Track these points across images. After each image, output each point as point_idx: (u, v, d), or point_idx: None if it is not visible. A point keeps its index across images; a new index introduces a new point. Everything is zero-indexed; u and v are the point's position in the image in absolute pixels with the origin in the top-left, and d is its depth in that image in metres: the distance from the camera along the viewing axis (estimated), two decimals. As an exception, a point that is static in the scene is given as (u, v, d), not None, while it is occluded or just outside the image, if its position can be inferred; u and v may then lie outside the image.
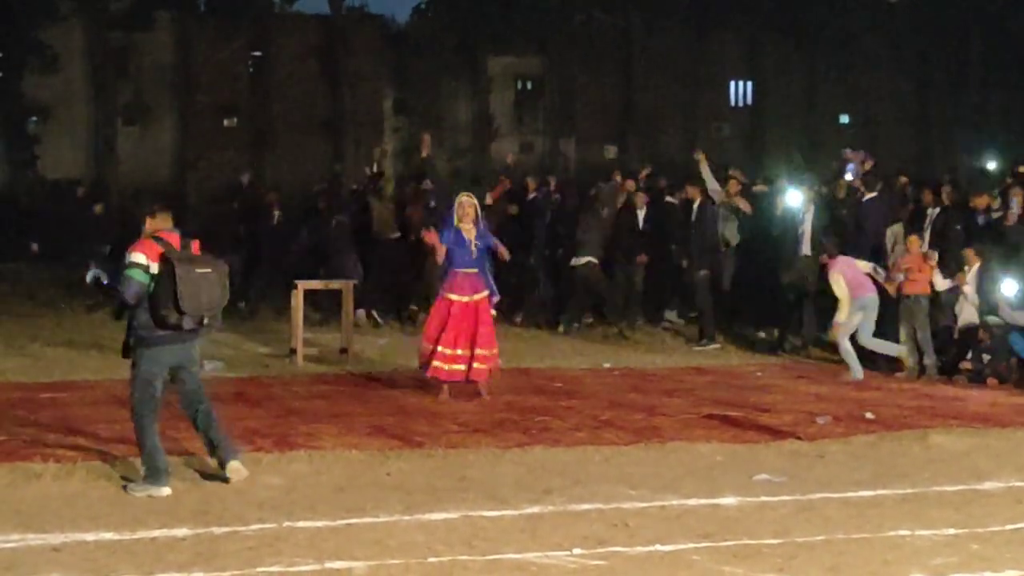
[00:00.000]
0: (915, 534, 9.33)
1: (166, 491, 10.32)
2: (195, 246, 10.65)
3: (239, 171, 31.69)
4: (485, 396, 15.10)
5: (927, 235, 18.83)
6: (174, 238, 10.55)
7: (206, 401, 10.83)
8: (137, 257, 10.36)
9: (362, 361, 18.29)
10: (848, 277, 17.53)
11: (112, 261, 12.80)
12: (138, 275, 10.32)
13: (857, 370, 17.45)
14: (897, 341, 17.83)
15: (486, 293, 15.33)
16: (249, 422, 13.33)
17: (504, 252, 15.71)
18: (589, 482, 10.98)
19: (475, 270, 15.25)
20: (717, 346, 20.24)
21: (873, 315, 17.68)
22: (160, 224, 10.64)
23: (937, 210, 19.25)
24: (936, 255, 17.93)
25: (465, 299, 15.13)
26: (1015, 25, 57.49)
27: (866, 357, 17.73)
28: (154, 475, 10.42)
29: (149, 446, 10.50)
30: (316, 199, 25.17)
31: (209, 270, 10.55)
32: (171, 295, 10.33)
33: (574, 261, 21.41)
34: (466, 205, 15.29)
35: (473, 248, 15.17)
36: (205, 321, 10.59)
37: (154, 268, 10.36)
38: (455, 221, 15.19)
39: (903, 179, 22.16)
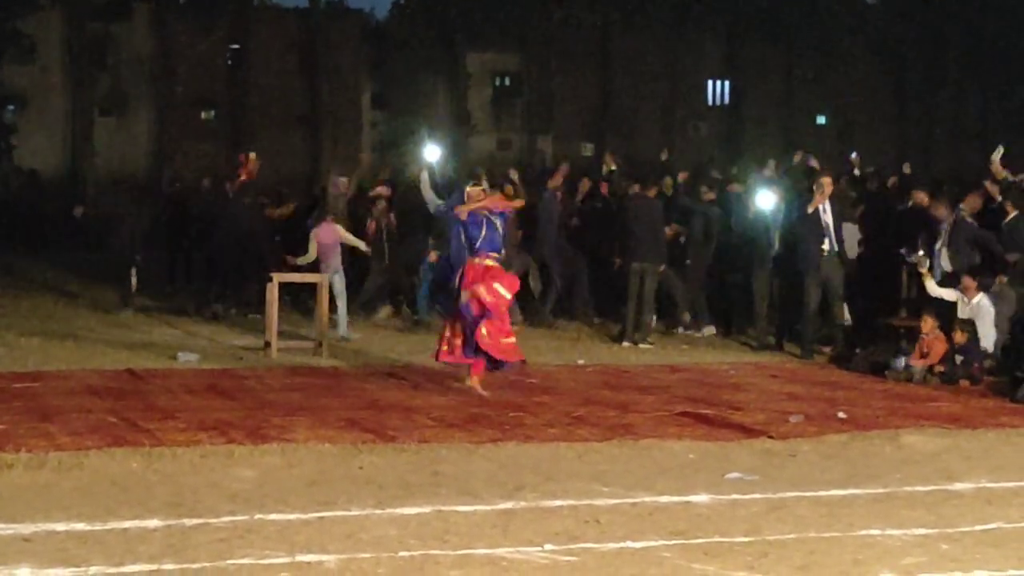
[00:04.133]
0: (886, 534, 9.35)
1: None
2: None
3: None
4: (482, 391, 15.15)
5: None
6: None
7: None
8: None
9: (336, 355, 18.28)
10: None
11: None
12: None
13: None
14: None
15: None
16: (222, 414, 13.33)
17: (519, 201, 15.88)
18: (561, 478, 10.98)
19: (498, 254, 15.30)
20: (642, 346, 20.09)
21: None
22: None
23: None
24: (926, 262, 18.09)
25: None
26: (991, 28, 57.76)
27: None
28: None
29: None
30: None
31: None
32: None
33: None
34: (476, 195, 15.26)
35: (499, 230, 15.23)
36: None
37: None
38: (475, 209, 15.16)
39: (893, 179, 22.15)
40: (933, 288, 18.00)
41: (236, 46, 57.97)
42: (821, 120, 63.69)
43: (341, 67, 57.48)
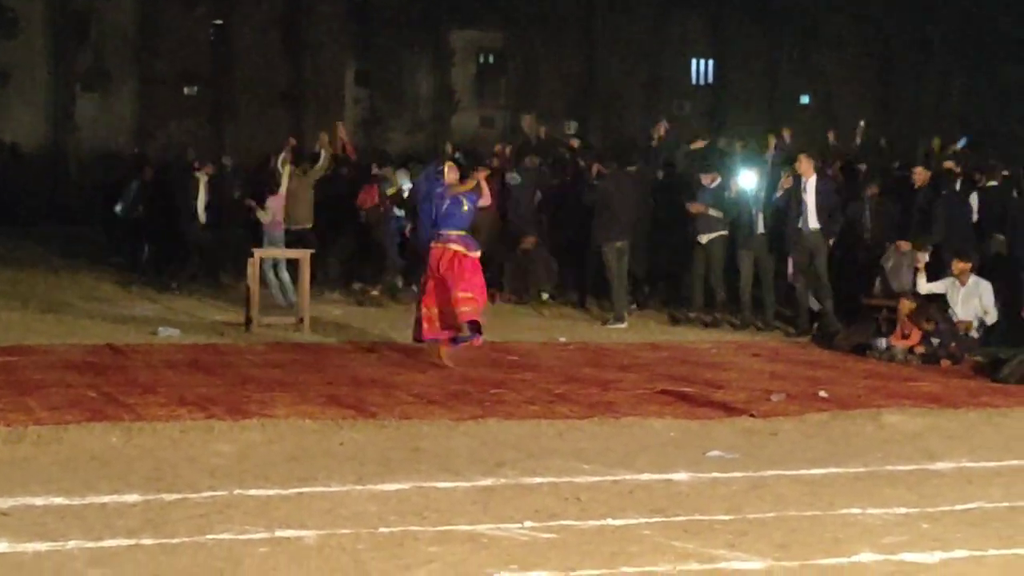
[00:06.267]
0: (866, 512, 9.36)
1: None
2: None
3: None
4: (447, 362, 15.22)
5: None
6: None
7: None
8: None
9: (317, 330, 18.25)
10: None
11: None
12: None
13: None
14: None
15: (479, 252, 15.76)
16: (203, 389, 13.30)
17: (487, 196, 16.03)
18: (542, 456, 10.97)
19: (465, 232, 15.56)
20: (623, 325, 19.94)
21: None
22: None
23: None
24: (925, 257, 18.14)
25: (460, 249, 15.41)
26: (977, 9, 57.72)
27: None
28: None
29: None
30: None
31: None
32: None
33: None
34: (449, 170, 15.73)
35: (465, 208, 15.51)
36: None
37: None
38: (448, 185, 15.52)
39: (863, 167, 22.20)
40: (923, 285, 17.96)
41: (219, 22, 57.71)
42: (805, 99, 63.62)
43: (324, 43, 57.26)
